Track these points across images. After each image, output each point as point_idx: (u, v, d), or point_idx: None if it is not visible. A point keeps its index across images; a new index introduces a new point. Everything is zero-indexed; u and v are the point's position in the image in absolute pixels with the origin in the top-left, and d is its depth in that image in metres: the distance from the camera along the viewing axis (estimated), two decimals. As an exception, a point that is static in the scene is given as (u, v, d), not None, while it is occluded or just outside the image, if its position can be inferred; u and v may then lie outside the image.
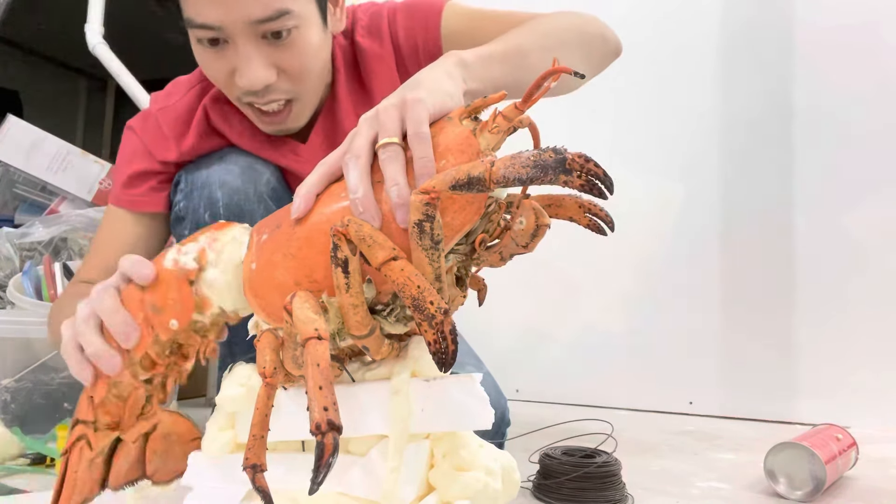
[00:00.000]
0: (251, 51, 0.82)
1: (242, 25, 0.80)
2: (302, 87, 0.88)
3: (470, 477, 0.54)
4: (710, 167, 1.62)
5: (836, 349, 1.47)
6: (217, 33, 0.82)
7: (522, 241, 0.51)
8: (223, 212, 0.92)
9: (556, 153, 0.43)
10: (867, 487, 0.98)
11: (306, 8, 0.83)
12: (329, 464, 0.42)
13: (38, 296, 1.21)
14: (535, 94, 0.48)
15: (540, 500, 0.87)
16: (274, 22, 0.80)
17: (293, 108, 0.90)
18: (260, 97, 0.87)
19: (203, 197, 0.93)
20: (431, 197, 0.45)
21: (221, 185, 0.92)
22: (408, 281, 0.45)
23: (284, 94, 0.87)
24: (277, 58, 0.84)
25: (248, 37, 0.81)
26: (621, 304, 1.69)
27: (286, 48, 0.83)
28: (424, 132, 0.51)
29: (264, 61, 0.83)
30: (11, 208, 1.48)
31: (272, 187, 0.95)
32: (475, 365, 1.05)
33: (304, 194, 0.54)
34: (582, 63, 0.89)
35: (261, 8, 0.79)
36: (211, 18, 0.80)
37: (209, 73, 0.89)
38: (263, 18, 0.80)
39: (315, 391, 0.42)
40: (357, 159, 0.52)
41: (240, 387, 0.59)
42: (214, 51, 0.84)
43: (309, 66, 0.86)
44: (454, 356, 0.45)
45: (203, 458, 0.61)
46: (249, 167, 0.94)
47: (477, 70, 0.68)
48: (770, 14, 1.58)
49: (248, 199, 0.92)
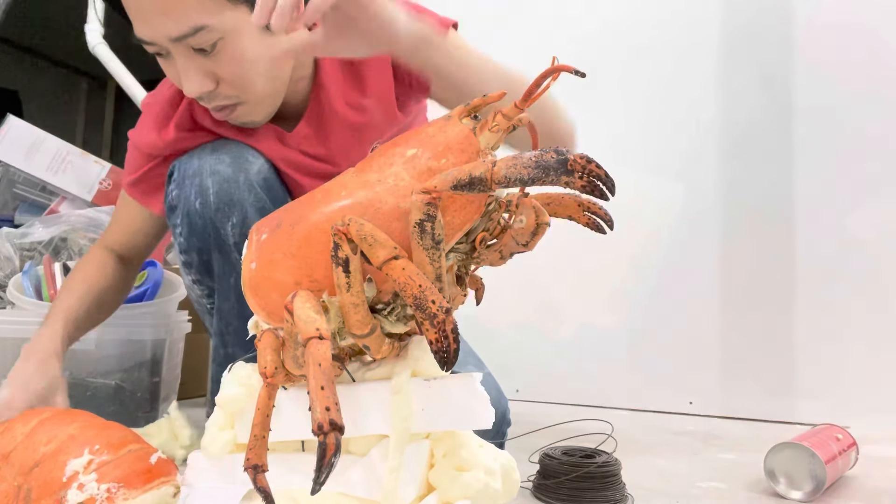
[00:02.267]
0: (185, 63, 0.83)
1: (167, 42, 0.81)
2: (244, 92, 0.88)
3: (470, 477, 0.54)
4: (710, 167, 1.62)
5: (836, 349, 1.47)
6: (155, 48, 0.84)
7: (522, 239, 0.50)
8: (213, 199, 0.92)
9: (558, 154, 0.43)
10: (867, 487, 0.98)
11: (230, 20, 0.81)
12: (331, 464, 0.42)
13: (38, 296, 1.21)
14: (534, 94, 0.48)
15: (540, 500, 0.87)
16: (192, 38, 0.80)
17: (238, 109, 0.90)
18: (206, 102, 0.88)
19: (194, 185, 0.93)
20: (433, 196, 0.45)
21: (212, 173, 0.93)
22: (409, 280, 0.45)
23: (227, 99, 0.88)
24: (212, 67, 0.84)
25: (179, 50, 0.82)
26: (621, 304, 1.69)
27: (218, 59, 0.83)
28: None
29: (199, 72, 0.84)
30: (11, 208, 1.48)
31: (263, 177, 0.95)
32: (476, 365, 1.05)
33: None
34: None
35: (175, 26, 0.79)
36: (144, 35, 0.82)
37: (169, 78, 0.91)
38: (180, 36, 0.80)
39: (317, 391, 0.42)
40: None
41: (240, 387, 0.59)
42: (164, 60, 0.87)
43: (247, 73, 0.86)
44: (456, 355, 0.45)
45: (203, 458, 0.61)
46: (240, 156, 0.95)
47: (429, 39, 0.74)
48: (770, 14, 1.58)
49: (238, 188, 0.93)
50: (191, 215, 0.94)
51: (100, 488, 0.58)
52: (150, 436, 1.05)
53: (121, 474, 0.60)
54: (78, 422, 0.64)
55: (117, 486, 0.59)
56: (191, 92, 0.85)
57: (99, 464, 0.60)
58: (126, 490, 0.59)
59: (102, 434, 0.63)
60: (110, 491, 0.58)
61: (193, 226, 0.94)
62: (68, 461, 0.59)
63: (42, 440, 0.61)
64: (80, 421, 0.64)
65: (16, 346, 1.14)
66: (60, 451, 0.60)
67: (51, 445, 0.60)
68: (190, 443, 1.07)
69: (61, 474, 0.58)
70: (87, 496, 0.57)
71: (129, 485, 0.59)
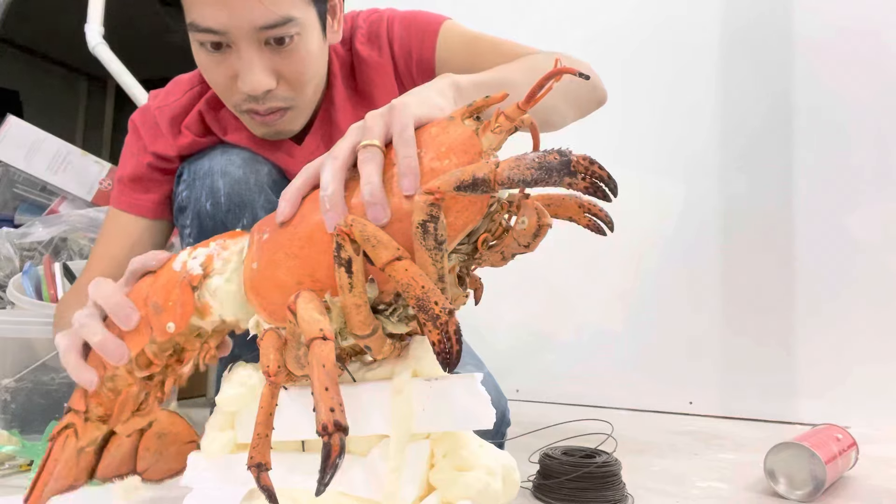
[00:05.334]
0: (253, 56, 0.82)
1: (247, 31, 0.80)
2: (299, 94, 0.89)
3: (471, 477, 0.54)
4: (710, 167, 1.62)
5: (836, 349, 1.47)
6: (220, 38, 0.82)
7: (524, 240, 0.51)
8: (224, 201, 0.92)
9: (561, 155, 0.43)
10: (867, 487, 0.98)
11: (309, 16, 0.84)
12: (336, 464, 0.42)
13: (38, 296, 1.21)
14: (537, 95, 0.48)
15: (540, 500, 0.87)
16: (278, 28, 0.81)
17: (287, 114, 0.90)
18: (260, 103, 0.87)
19: (205, 186, 0.93)
20: (436, 197, 0.45)
21: (223, 174, 0.93)
22: (412, 281, 0.45)
23: (282, 101, 0.88)
24: (278, 64, 0.84)
25: (251, 42, 0.82)
26: (621, 304, 1.69)
27: (287, 55, 0.84)
28: (409, 134, 0.52)
29: (266, 67, 0.83)
30: (11, 208, 1.48)
31: (274, 179, 0.96)
32: (476, 365, 1.05)
33: (288, 198, 0.55)
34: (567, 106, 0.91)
35: (266, 14, 0.79)
36: (216, 23, 0.80)
37: (210, 77, 0.89)
38: (268, 24, 0.80)
39: (321, 392, 0.42)
40: (334, 160, 0.53)
41: (240, 387, 0.59)
42: (216, 55, 0.85)
43: (308, 74, 0.87)
44: (458, 356, 0.45)
45: (203, 458, 0.61)
46: (251, 158, 0.95)
47: (467, 93, 0.69)
48: (770, 16, 1.58)
49: (249, 189, 0.93)
50: (201, 216, 0.93)
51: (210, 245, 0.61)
52: (150, 435, 1.05)
53: None
54: None
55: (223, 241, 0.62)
56: (255, 86, 0.83)
57: None
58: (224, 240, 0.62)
59: None
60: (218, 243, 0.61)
61: (204, 227, 0.94)
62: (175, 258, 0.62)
63: None
64: None
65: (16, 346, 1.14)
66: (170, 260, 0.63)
67: None
68: (190, 443, 1.07)
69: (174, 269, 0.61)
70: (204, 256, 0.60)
71: None
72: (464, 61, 0.94)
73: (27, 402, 1.12)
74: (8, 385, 1.12)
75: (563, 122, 0.92)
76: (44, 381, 1.14)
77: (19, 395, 1.13)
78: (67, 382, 1.14)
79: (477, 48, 0.96)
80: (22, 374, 1.12)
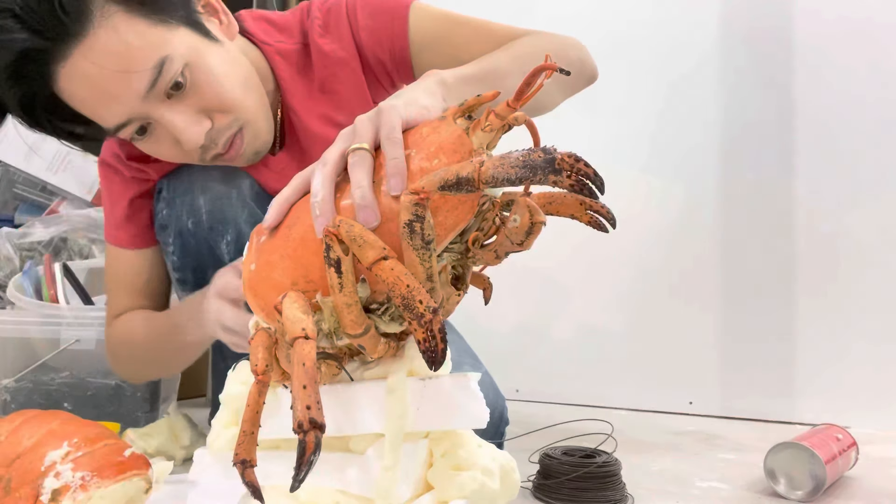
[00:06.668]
0: (171, 116, 0.79)
1: (142, 101, 0.77)
2: (239, 110, 0.83)
3: (466, 476, 0.54)
4: (710, 167, 1.62)
5: (836, 349, 1.47)
6: (133, 125, 0.79)
7: (517, 238, 0.50)
8: (206, 218, 0.91)
9: (546, 153, 0.43)
10: (867, 487, 0.98)
11: (183, 41, 0.78)
12: (311, 462, 0.42)
13: (38, 296, 1.21)
14: (526, 92, 0.48)
15: (540, 500, 0.87)
16: (163, 76, 0.76)
17: (245, 132, 0.85)
18: (214, 145, 0.83)
19: (185, 204, 0.91)
20: (421, 197, 0.46)
21: (203, 190, 0.91)
22: (397, 280, 0.45)
23: (229, 128, 0.83)
24: (196, 103, 0.80)
25: (157, 106, 0.78)
26: (621, 303, 1.68)
27: (195, 90, 0.79)
28: (396, 136, 0.53)
29: (188, 116, 0.79)
30: (11, 208, 1.48)
31: (255, 191, 0.93)
32: (473, 364, 1.05)
33: (277, 205, 0.56)
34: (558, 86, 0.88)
35: (141, 76, 0.75)
36: (115, 117, 0.78)
37: (162, 156, 0.86)
38: (152, 81, 0.76)
39: (299, 390, 0.43)
40: (324, 167, 0.54)
41: (243, 384, 0.60)
42: (149, 137, 0.82)
43: (228, 90, 0.81)
44: (444, 355, 0.45)
45: (207, 454, 0.62)
46: (231, 171, 0.92)
47: (456, 89, 0.68)
48: (770, 15, 1.57)
49: (231, 205, 0.91)
50: (183, 235, 0.92)
51: (74, 476, 0.61)
52: (149, 436, 1.05)
53: (95, 465, 0.63)
54: (59, 419, 0.67)
55: (91, 475, 0.62)
56: (194, 139, 0.79)
57: (75, 455, 0.63)
58: (99, 479, 0.62)
59: (81, 429, 0.66)
60: (84, 479, 0.61)
61: (187, 246, 0.92)
62: (47, 453, 0.63)
63: (25, 436, 0.64)
64: (61, 418, 0.68)
65: (16, 346, 1.14)
66: (40, 444, 0.63)
67: (32, 439, 0.63)
68: (189, 443, 1.07)
69: (40, 464, 0.62)
70: (62, 483, 0.61)
71: (102, 475, 0.62)
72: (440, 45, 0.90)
73: (27, 402, 1.13)
74: (8, 385, 1.12)
75: (553, 103, 0.90)
76: (44, 381, 1.14)
77: (19, 395, 1.13)
78: (67, 382, 1.15)
79: (453, 29, 0.91)
80: (22, 374, 1.12)
